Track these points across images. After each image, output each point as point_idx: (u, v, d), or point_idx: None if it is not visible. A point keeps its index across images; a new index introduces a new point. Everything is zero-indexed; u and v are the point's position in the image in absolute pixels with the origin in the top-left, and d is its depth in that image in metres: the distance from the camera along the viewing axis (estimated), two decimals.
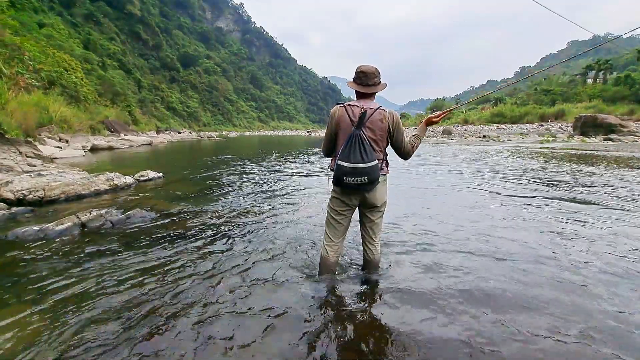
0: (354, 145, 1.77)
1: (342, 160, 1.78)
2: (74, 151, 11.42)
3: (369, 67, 1.91)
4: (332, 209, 2.01)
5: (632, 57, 49.64)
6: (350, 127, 1.82)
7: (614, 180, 5.90)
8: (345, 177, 1.78)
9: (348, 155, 1.77)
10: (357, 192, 1.90)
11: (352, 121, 1.82)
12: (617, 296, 1.97)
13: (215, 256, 2.60)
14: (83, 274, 2.27)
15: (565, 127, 27.29)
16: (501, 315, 1.78)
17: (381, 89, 1.94)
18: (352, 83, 1.95)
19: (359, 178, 1.78)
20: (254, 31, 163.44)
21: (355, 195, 1.93)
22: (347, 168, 1.77)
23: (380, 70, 1.92)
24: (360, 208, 2.03)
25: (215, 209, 4.10)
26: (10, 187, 4.28)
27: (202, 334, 1.62)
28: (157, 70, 75.80)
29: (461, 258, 2.53)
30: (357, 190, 1.87)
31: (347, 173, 1.77)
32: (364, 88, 1.90)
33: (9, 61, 14.68)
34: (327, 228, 2.06)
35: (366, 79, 1.89)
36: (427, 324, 1.70)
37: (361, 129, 1.80)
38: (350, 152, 1.77)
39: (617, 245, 2.79)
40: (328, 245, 2.04)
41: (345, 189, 1.88)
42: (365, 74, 1.89)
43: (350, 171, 1.77)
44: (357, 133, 1.79)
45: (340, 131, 1.87)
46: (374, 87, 1.91)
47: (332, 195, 2.01)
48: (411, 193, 5.11)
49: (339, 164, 1.79)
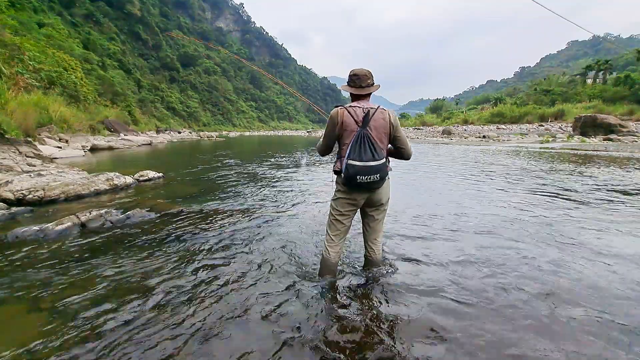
0: (363, 144, 1.80)
1: (353, 159, 1.79)
2: (74, 151, 11.41)
3: (362, 69, 1.95)
4: (336, 209, 2.01)
5: (632, 57, 49.71)
6: (356, 128, 1.84)
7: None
8: (359, 176, 1.79)
9: (359, 154, 1.79)
10: (365, 191, 1.91)
11: (356, 121, 1.85)
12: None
13: (216, 256, 2.60)
14: (83, 274, 2.27)
15: (565, 128, 27.30)
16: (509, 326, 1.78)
17: (375, 90, 1.97)
18: (347, 86, 1.98)
19: (372, 176, 1.81)
20: (254, 31, 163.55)
21: (362, 194, 1.94)
22: (360, 167, 1.78)
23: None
24: (364, 207, 2.04)
25: (216, 209, 4.10)
26: (10, 187, 4.28)
27: (203, 335, 1.62)
28: (157, 70, 75.85)
29: (463, 255, 2.53)
30: (367, 189, 1.89)
31: (360, 172, 1.79)
32: (359, 90, 1.93)
33: (9, 61, 14.68)
34: (329, 229, 2.06)
35: (360, 81, 1.92)
36: (434, 321, 1.71)
37: (366, 128, 1.83)
38: (361, 151, 1.80)
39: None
40: (330, 246, 2.05)
41: (357, 188, 1.88)
42: (358, 77, 1.92)
43: (363, 170, 1.79)
44: (364, 132, 1.82)
45: (345, 132, 1.88)
46: (368, 88, 1.94)
47: (337, 196, 2.00)
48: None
49: (350, 163, 1.80)
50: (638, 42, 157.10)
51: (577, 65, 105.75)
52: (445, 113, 60.34)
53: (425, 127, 44.59)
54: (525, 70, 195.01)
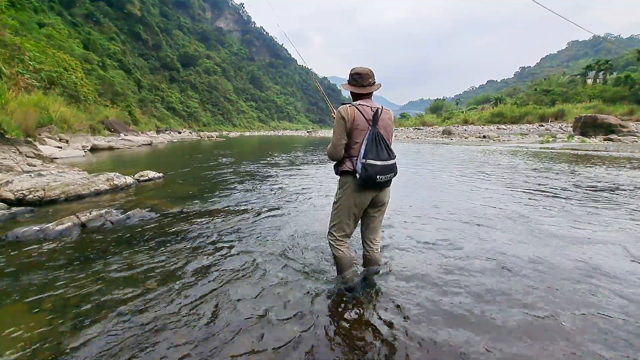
0: (379, 143, 1.80)
1: (372, 159, 1.77)
2: (74, 151, 11.41)
3: (364, 68, 1.92)
4: (345, 210, 1.95)
5: (632, 57, 49.69)
6: (367, 126, 1.82)
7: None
8: (379, 175, 1.78)
9: (377, 153, 1.78)
10: (376, 190, 1.90)
11: (367, 120, 1.82)
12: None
13: (216, 256, 2.60)
14: (83, 274, 2.27)
15: (565, 128, 27.28)
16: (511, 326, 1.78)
17: (376, 89, 1.95)
18: (348, 85, 1.95)
19: (389, 175, 1.83)
20: (254, 31, 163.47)
21: (373, 193, 1.91)
22: (379, 166, 1.77)
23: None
24: (366, 208, 2.01)
25: (216, 208, 4.10)
26: (10, 187, 4.28)
27: (205, 335, 1.62)
28: (157, 70, 75.86)
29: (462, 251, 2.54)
30: (380, 187, 1.89)
31: (380, 171, 1.78)
32: (361, 89, 1.90)
33: (9, 61, 14.69)
34: (336, 230, 2.00)
35: (362, 80, 1.89)
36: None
37: (377, 127, 1.82)
38: (378, 150, 1.79)
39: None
40: (340, 246, 2.01)
41: (372, 187, 1.87)
42: (360, 75, 1.89)
43: (382, 169, 1.79)
44: (377, 131, 1.81)
45: (356, 131, 1.83)
46: (370, 87, 1.91)
47: (347, 197, 1.92)
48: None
49: (370, 163, 1.76)
50: (638, 42, 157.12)
51: (578, 65, 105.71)
52: (446, 113, 60.31)
53: (426, 127, 44.60)
54: (525, 70, 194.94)
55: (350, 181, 1.89)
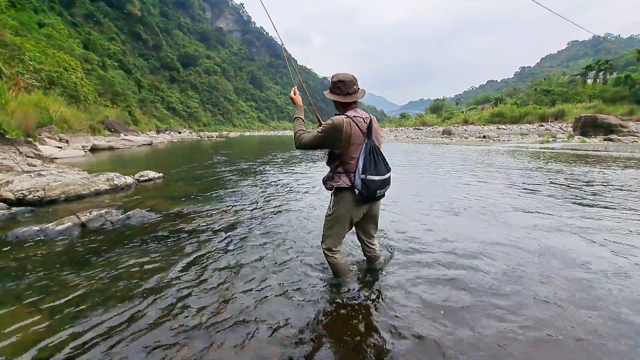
0: (377, 157, 1.76)
1: (372, 174, 1.72)
2: (74, 151, 11.42)
3: (346, 75, 1.81)
4: (340, 221, 1.90)
5: (632, 57, 49.71)
6: (363, 140, 1.76)
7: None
8: (378, 190, 1.76)
9: (376, 168, 1.74)
10: (372, 203, 1.90)
11: (362, 133, 1.77)
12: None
13: (216, 257, 2.59)
14: (83, 274, 2.27)
15: (565, 128, 27.29)
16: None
17: (361, 96, 1.84)
18: (331, 93, 1.83)
19: (387, 187, 1.82)
20: (254, 31, 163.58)
21: (367, 206, 1.90)
22: (378, 182, 1.74)
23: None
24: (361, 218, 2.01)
25: (216, 209, 4.10)
26: (10, 187, 4.29)
27: (205, 335, 1.62)
28: (157, 70, 75.92)
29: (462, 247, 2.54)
30: (376, 200, 1.88)
31: (380, 186, 1.76)
32: (347, 97, 1.79)
33: (9, 61, 14.71)
34: (332, 241, 1.97)
35: (346, 87, 1.79)
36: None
37: (371, 139, 1.78)
38: (377, 164, 1.75)
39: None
40: (334, 254, 2.00)
41: (372, 201, 1.86)
42: (344, 83, 1.78)
43: (382, 184, 1.77)
44: (372, 143, 1.77)
45: (353, 146, 1.75)
46: (355, 95, 1.81)
47: (342, 210, 1.86)
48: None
49: (371, 179, 1.72)
50: (638, 42, 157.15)
51: (578, 65, 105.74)
52: (446, 113, 60.35)
53: (426, 127, 44.63)
54: (525, 70, 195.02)
55: (348, 196, 1.81)
